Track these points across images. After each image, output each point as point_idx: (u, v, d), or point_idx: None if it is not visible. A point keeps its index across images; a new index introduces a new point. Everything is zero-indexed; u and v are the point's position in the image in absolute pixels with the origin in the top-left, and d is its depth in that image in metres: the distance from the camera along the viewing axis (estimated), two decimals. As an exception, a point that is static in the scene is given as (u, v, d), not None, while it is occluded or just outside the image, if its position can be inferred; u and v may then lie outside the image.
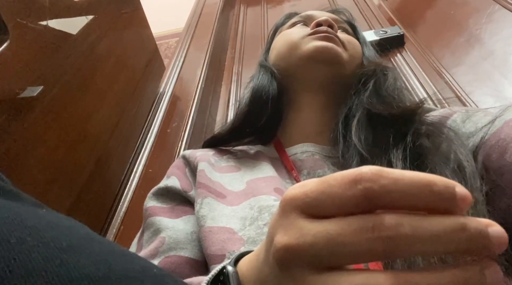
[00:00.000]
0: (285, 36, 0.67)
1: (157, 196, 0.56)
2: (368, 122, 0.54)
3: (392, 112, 0.53)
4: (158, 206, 0.54)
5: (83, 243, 0.20)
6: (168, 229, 0.49)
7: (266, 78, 0.63)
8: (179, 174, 0.58)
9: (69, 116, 0.74)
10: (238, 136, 0.64)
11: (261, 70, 0.67)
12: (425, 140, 0.48)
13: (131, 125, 0.99)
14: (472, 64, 0.96)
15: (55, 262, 0.17)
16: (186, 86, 1.17)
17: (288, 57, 0.63)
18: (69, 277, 0.17)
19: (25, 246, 0.17)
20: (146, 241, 0.51)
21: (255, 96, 0.62)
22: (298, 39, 0.62)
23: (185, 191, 0.55)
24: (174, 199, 0.55)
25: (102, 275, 0.18)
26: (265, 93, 0.61)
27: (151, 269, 0.21)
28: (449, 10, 1.17)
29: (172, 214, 0.53)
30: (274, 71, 0.64)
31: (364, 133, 0.52)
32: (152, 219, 0.52)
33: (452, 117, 0.53)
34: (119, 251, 0.21)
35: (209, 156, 0.60)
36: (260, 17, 1.71)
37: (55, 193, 0.67)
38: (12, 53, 0.61)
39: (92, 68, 0.85)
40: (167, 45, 2.66)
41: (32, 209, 0.21)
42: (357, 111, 0.56)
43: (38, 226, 0.19)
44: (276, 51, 0.67)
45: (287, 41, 0.64)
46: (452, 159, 0.44)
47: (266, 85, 0.62)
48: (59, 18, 0.75)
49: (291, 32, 0.67)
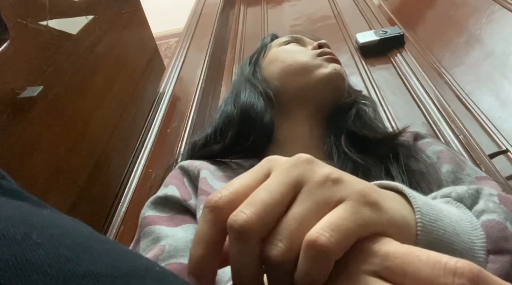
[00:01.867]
0: (289, 52, 0.68)
1: (156, 205, 0.55)
2: (356, 140, 0.60)
3: (375, 136, 0.59)
4: (157, 215, 0.54)
5: (87, 241, 0.20)
6: (168, 237, 0.49)
7: (253, 95, 0.64)
8: (177, 184, 0.58)
9: (69, 116, 0.74)
10: (230, 152, 0.64)
11: (247, 86, 0.67)
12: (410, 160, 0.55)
13: (131, 125, 0.99)
14: (472, 64, 0.96)
15: (60, 259, 0.18)
16: (186, 86, 1.17)
17: (299, 74, 0.64)
18: (73, 274, 0.17)
19: (31, 242, 0.18)
20: (144, 249, 0.50)
21: (244, 114, 0.63)
22: (308, 58, 0.65)
23: (185, 200, 0.55)
24: (173, 208, 0.55)
25: (105, 272, 0.18)
26: (253, 111, 0.62)
27: (154, 267, 0.21)
28: (449, 10, 1.17)
29: (171, 223, 0.52)
30: (263, 88, 0.65)
31: (354, 147, 0.58)
32: (152, 227, 0.51)
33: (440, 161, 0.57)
34: (122, 250, 0.22)
35: (208, 165, 0.60)
36: (260, 17, 1.71)
37: (55, 193, 0.67)
38: (12, 53, 0.61)
39: (92, 68, 0.85)
40: (167, 45, 2.66)
41: (36, 208, 0.22)
42: (344, 130, 0.61)
43: (43, 224, 0.19)
44: (281, 65, 0.67)
45: (296, 59, 0.66)
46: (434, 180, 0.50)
47: (254, 102, 0.63)
48: (59, 18, 0.75)
49: (293, 49, 0.69)
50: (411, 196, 0.27)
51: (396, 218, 0.24)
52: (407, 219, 0.25)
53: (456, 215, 0.29)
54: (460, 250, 0.27)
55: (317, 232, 0.21)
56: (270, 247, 0.22)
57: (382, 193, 0.25)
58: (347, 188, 0.23)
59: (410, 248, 0.21)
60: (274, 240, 0.22)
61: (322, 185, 0.23)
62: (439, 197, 0.34)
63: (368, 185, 0.25)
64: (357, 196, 0.23)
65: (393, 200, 0.26)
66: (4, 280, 0.16)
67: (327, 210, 0.23)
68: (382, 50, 1.20)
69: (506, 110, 0.81)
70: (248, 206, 0.23)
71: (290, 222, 0.22)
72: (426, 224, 0.26)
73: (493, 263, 0.28)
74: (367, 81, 1.11)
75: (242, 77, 0.72)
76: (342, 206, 0.23)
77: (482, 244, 0.28)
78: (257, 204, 0.23)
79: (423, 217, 0.26)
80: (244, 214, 0.22)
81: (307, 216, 0.23)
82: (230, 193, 0.24)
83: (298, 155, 0.25)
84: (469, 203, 0.32)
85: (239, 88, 0.69)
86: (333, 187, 0.23)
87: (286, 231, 0.22)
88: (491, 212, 0.30)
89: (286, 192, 0.23)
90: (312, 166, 0.25)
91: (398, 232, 0.24)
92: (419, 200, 0.27)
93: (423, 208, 0.26)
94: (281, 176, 0.24)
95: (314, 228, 0.22)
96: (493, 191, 0.34)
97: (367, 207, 0.23)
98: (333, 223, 0.22)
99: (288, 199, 0.23)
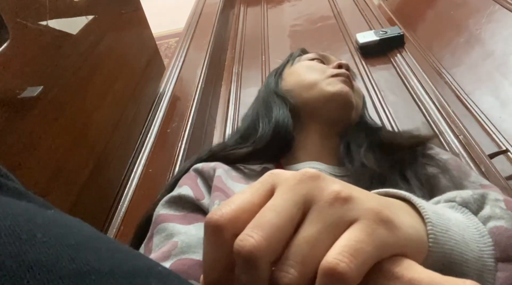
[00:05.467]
0: (309, 68, 0.72)
1: (170, 204, 0.56)
2: (376, 147, 0.62)
3: (401, 142, 0.62)
4: (171, 214, 0.55)
5: (90, 240, 0.20)
6: (181, 234, 0.50)
7: (283, 111, 0.68)
8: (191, 184, 0.59)
9: (69, 116, 0.74)
10: (253, 158, 0.66)
11: (277, 100, 0.70)
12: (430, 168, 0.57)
13: (131, 125, 0.99)
14: (472, 64, 0.96)
15: (65, 258, 0.18)
16: (186, 86, 1.17)
17: (309, 89, 0.68)
18: (78, 272, 0.18)
19: (36, 241, 0.18)
20: (157, 245, 0.51)
21: (278, 130, 0.66)
22: (322, 75, 0.68)
23: (198, 199, 0.56)
24: (187, 207, 0.56)
25: (109, 271, 0.18)
26: (284, 127, 0.66)
27: (156, 267, 0.21)
28: (449, 10, 1.17)
29: (185, 221, 0.53)
30: (289, 101, 0.69)
31: (372, 154, 0.60)
32: (165, 225, 0.53)
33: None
34: (124, 249, 0.22)
35: (222, 165, 0.62)
36: (260, 17, 1.71)
37: (55, 193, 0.67)
38: (12, 53, 0.61)
39: (92, 68, 0.85)
40: (167, 45, 2.66)
41: (40, 208, 0.22)
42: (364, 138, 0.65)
43: (47, 224, 0.20)
44: (297, 78, 0.71)
45: (309, 75, 0.70)
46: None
47: (285, 118, 0.67)
48: (59, 18, 0.75)
49: (314, 65, 0.72)
50: (420, 206, 0.26)
51: (411, 234, 0.24)
52: (420, 232, 0.25)
53: (462, 222, 0.29)
54: (470, 260, 0.26)
55: (335, 258, 0.20)
56: (281, 275, 0.21)
57: (393, 207, 0.24)
58: (359, 207, 0.22)
59: (434, 276, 0.20)
60: (285, 266, 0.21)
61: (332, 204, 0.22)
62: (443, 201, 0.33)
63: (379, 201, 0.24)
64: (371, 215, 0.22)
65: (404, 213, 0.25)
66: (9, 278, 0.16)
67: (340, 231, 0.22)
68: (382, 50, 1.20)
69: (506, 110, 0.81)
70: (255, 229, 0.21)
71: (302, 245, 0.21)
72: (438, 235, 0.25)
73: (503, 271, 0.27)
74: (367, 81, 1.11)
75: (269, 89, 0.75)
76: (357, 227, 0.21)
77: (491, 251, 0.27)
78: (265, 227, 0.21)
79: (434, 228, 0.25)
80: (252, 239, 0.21)
81: (320, 238, 0.21)
82: (232, 210, 0.23)
83: (304, 170, 0.24)
84: (474, 208, 0.31)
85: (268, 101, 0.72)
86: (344, 206, 0.22)
87: (298, 255, 0.21)
88: (498, 219, 0.30)
89: (295, 212, 0.22)
90: (319, 183, 0.23)
91: (413, 248, 0.23)
92: (428, 209, 0.26)
93: (433, 218, 0.26)
94: (288, 194, 0.23)
95: (330, 253, 0.20)
96: (499, 196, 0.33)
97: (382, 226, 0.22)
98: (351, 247, 0.20)
99: (297, 219, 0.22)
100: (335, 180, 0.24)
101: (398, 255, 0.22)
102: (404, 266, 0.21)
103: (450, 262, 0.26)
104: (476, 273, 0.26)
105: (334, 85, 0.66)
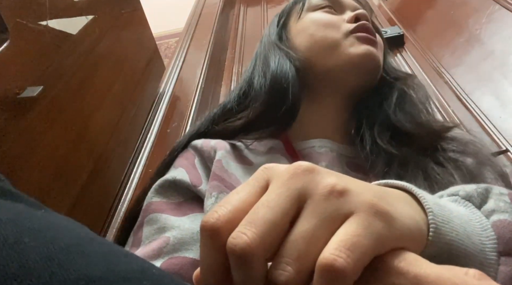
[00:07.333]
0: (321, 27, 0.59)
1: (164, 189, 0.53)
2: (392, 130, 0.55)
3: (418, 131, 0.54)
4: (164, 202, 0.52)
5: (81, 243, 0.20)
6: (174, 229, 0.48)
7: (284, 63, 0.57)
8: (187, 166, 0.55)
9: (69, 116, 0.73)
10: (252, 129, 0.58)
11: (276, 53, 0.60)
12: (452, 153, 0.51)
13: (131, 125, 0.99)
14: (472, 64, 0.96)
15: (53, 263, 0.17)
16: (186, 86, 1.17)
17: (326, 55, 0.58)
18: (66, 278, 0.17)
19: (23, 246, 0.17)
20: (147, 238, 0.49)
21: (275, 83, 0.56)
22: (339, 35, 0.57)
23: (195, 186, 0.52)
24: (181, 194, 0.53)
25: (100, 276, 0.18)
26: (285, 81, 0.55)
27: (150, 270, 0.21)
28: (449, 10, 1.17)
29: (179, 212, 0.50)
30: (296, 59, 0.58)
31: (388, 136, 0.53)
32: (157, 215, 0.50)
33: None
34: (118, 251, 0.21)
35: (225, 144, 0.56)
36: (260, 17, 1.71)
37: (55, 193, 0.67)
38: (12, 53, 0.61)
39: (92, 68, 0.85)
40: (167, 45, 2.66)
41: (30, 209, 0.21)
42: (379, 118, 0.56)
43: (36, 227, 0.19)
44: (309, 41, 0.60)
45: (326, 36, 0.58)
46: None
47: (286, 71, 0.56)
48: (59, 18, 0.75)
49: (326, 21, 0.60)
50: (421, 197, 0.26)
51: (408, 225, 0.23)
52: (419, 222, 0.24)
53: (465, 215, 0.28)
54: (472, 253, 0.26)
55: (332, 254, 0.19)
56: (278, 273, 0.20)
57: (390, 198, 0.24)
58: (355, 199, 0.22)
59: (442, 271, 0.20)
60: (281, 263, 0.20)
61: (327, 198, 0.22)
62: (446, 195, 0.32)
63: (376, 193, 0.23)
64: (366, 207, 0.21)
65: (403, 203, 0.25)
66: None
67: (336, 226, 0.21)
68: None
69: (506, 110, 0.81)
70: (248, 225, 0.20)
71: (297, 241, 0.20)
72: (439, 225, 0.25)
73: (505, 265, 0.26)
74: (367, 81, 1.10)
75: (269, 40, 0.64)
76: (353, 220, 0.21)
77: (493, 245, 0.27)
78: (258, 223, 0.20)
79: (435, 218, 0.25)
80: (245, 236, 0.20)
81: (316, 233, 0.21)
82: (229, 211, 0.22)
83: (298, 163, 0.23)
84: (478, 202, 0.30)
85: (266, 53, 0.62)
86: (339, 199, 0.22)
87: (293, 252, 0.20)
88: (502, 212, 0.29)
89: (289, 207, 0.21)
90: (314, 176, 0.23)
91: (411, 239, 0.23)
92: (430, 200, 0.26)
93: (435, 209, 0.25)
94: (282, 189, 0.22)
95: (327, 249, 0.20)
96: (504, 190, 0.32)
97: (378, 219, 0.21)
98: (348, 242, 0.20)
99: (291, 214, 0.21)
100: (331, 172, 0.24)
101: (399, 248, 0.22)
102: (408, 261, 0.21)
103: (451, 254, 0.25)
104: (478, 267, 0.26)
105: (358, 46, 0.56)
